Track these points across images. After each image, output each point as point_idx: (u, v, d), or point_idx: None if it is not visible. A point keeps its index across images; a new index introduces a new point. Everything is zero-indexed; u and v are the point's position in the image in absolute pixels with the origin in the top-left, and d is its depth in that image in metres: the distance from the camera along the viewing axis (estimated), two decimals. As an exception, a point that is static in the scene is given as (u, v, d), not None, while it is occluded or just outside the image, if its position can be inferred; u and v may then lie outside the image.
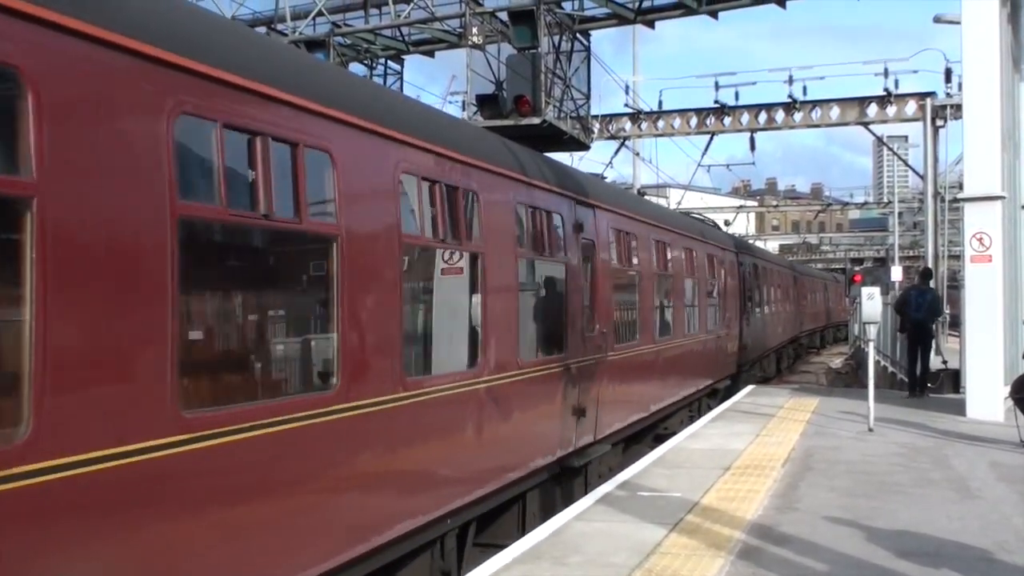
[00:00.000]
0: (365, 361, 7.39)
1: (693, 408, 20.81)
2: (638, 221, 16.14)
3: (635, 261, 15.85)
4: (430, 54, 27.02)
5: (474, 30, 16.24)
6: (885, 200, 77.77)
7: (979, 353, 16.68)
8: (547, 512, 11.20)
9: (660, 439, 16.32)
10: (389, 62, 21.79)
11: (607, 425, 13.95)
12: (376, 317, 7.57)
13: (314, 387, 7.40)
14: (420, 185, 8.51)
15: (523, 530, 10.68)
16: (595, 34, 25.49)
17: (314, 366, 7.47)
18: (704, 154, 37.81)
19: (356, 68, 22.23)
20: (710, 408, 20.51)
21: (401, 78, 21.37)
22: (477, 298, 9.76)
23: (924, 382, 20.64)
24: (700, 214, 31.94)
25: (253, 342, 7.37)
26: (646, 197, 31.31)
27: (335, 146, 7.10)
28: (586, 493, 11.57)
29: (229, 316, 7.24)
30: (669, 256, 18.26)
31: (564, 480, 12.62)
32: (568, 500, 11.93)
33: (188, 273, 5.62)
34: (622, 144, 37.60)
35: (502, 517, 10.98)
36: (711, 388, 22.76)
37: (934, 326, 21.63)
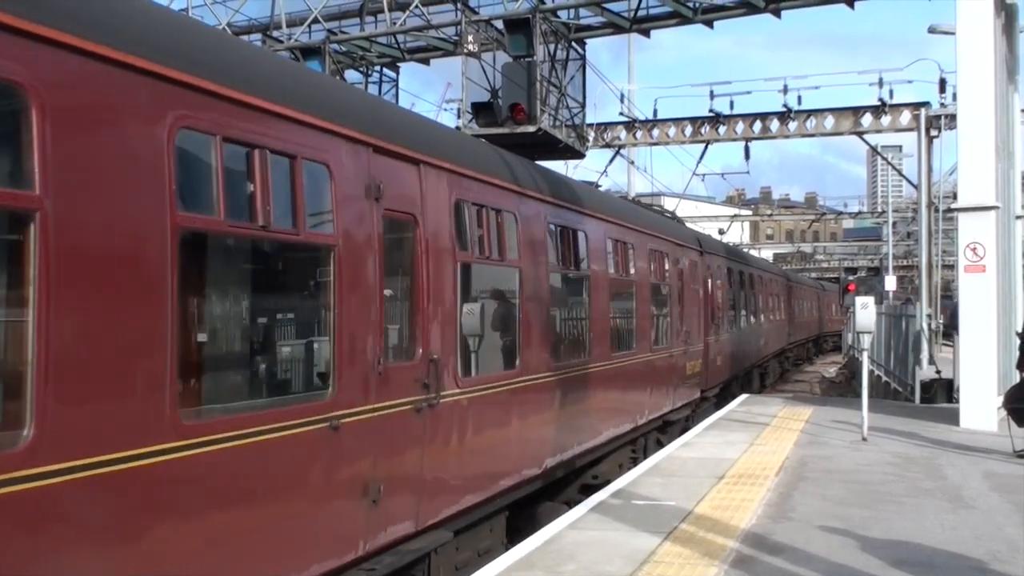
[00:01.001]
0: None
1: (638, 446, 16.47)
2: (501, 188, 10.50)
3: (511, 254, 10.63)
4: (425, 62, 27.08)
5: (470, 38, 16.23)
6: (879, 209, 77.90)
7: (973, 363, 16.70)
8: None
9: (589, 489, 12.91)
10: (384, 69, 21.76)
11: (443, 504, 8.79)
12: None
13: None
14: None
15: None
16: (593, 42, 25.61)
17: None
18: (699, 163, 37.71)
19: (351, 75, 22.23)
20: (659, 446, 16.71)
21: (396, 86, 21.35)
22: None
23: None
24: (660, 207, 29.23)
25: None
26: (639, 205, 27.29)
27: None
28: None
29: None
30: (582, 248, 13.33)
31: None
32: None
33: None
34: (617, 153, 37.64)
35: None
36: (662, 420, 17.75)
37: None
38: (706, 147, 36.38)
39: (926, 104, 32.00)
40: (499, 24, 16.17)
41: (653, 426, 17.30)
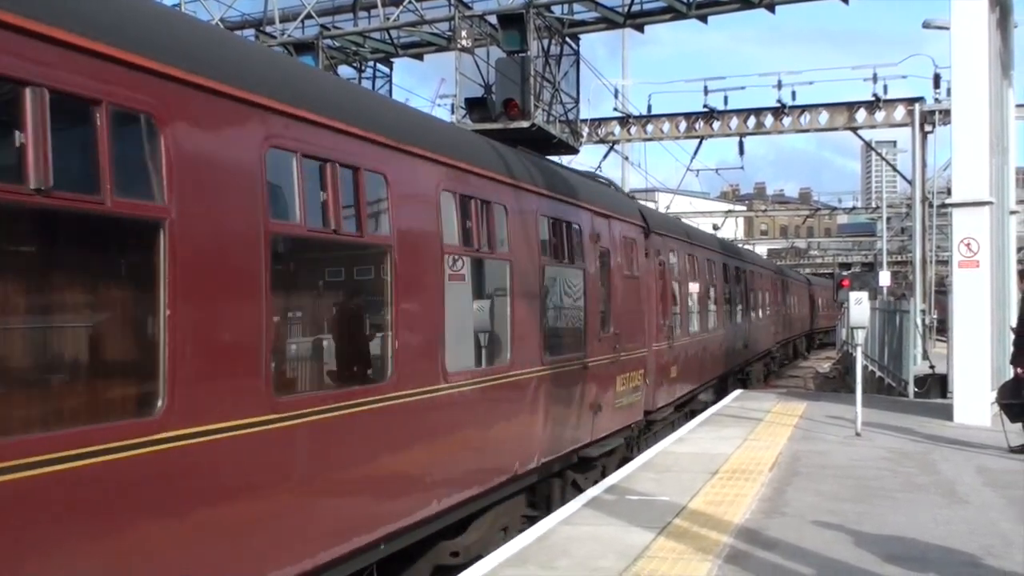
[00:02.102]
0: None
1: (539, 495, 12.18)
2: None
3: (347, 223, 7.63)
4: (419, 57, 27.01)
5: (463, 33, 16.18)
6: (873, 205, 77.99)
7: (967, 358, 16.72)
8: None
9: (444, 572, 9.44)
10: (378, 65, 21.71)
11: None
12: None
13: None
14: None
15: None
16: (589, 36, 25.57)
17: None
18: (693, 158, 37.72)
19: (345, 71, 22.19)
20: (577, 489, 12.63)
21: (390, 81, 21.30)
22: None
23: None
24: (608, 180, 19.17)
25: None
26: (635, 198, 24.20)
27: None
28: None
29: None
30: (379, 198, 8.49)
31: None
32: None
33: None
34: (611, 148, 37.65)
35: None
36: (576, 457, 12.92)
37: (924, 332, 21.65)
38: (700, 143, 36.40)
39: (920, 99, 32.00)
40: (493, 19, 16.13)
41: (563, 465, 12.50)
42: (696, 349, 21.52)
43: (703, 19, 23.38)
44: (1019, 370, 13.87)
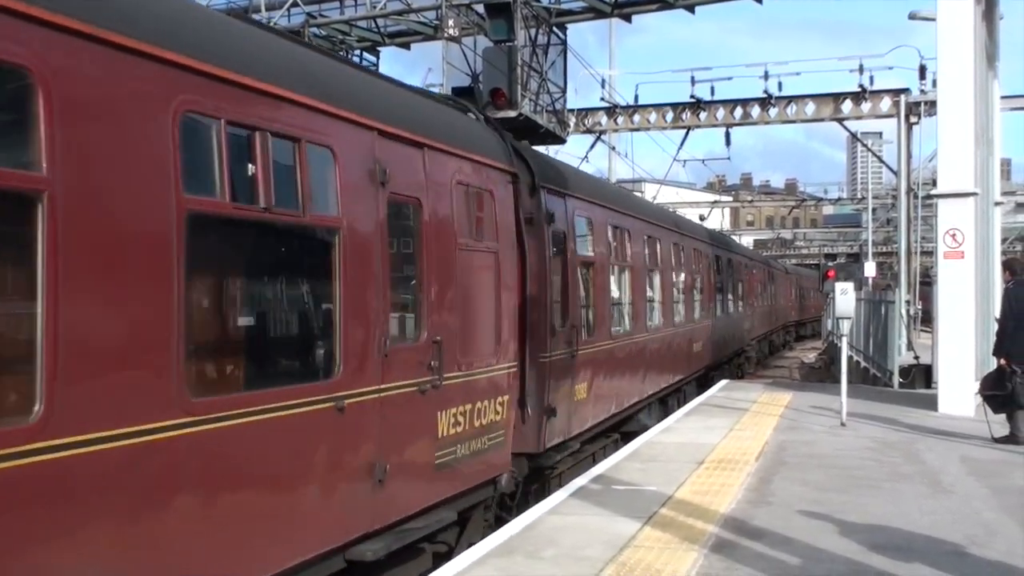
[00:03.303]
0: None
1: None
2: None
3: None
4: (406, 46, 26.99)
5: (450, 22, 16.18)
6: (859, 196, 78.21)
7: (951, 349, 16.78)
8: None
9: None
10: (365, 53, 21.68)
11: None
12: None
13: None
14: None
15: None
16: (579, 26, 25.56)
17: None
18: (680, 149, 37.72)
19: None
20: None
21: (376, 70, 21.26)
22: None
23: None
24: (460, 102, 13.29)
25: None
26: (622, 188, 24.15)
27: None
28: None
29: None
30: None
31: None
32: None
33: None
34: (598, 138, 37.62)
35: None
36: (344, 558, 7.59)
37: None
38: (687, 133, 36.45)
39: (906, 91, 32.08)
40: (480, 8, 16.13)
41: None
42: (629, 355, 16.51)
43: (690, 9, 23.42)
44: (1002, 361, 13.94)
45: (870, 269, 38.29)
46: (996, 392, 13.97)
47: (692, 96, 33.94)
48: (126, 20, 5.47)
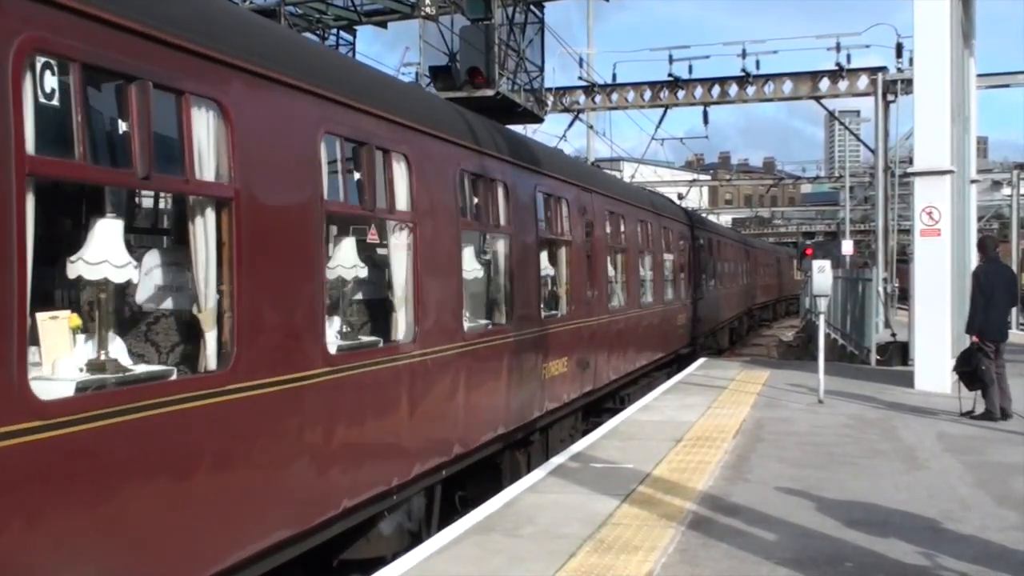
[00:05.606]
0: None
1: None
2: None
3: None
4: (383, 25, 26.70)
5: (427, 1, 16.08)
6: (837, 174, 78.40)
7: (927, 326, 16.90)
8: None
9: None
10: (341, 32, 21.52)
11: None
12: None
13: None
14: None
15: None
16: (562, 3, 25.43)
17: None
18: (658, 127, 37.63)
19: (307, 38, 21.93)
20: None
21: (353, 49, 21.13)
22: None
23: None
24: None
25: None
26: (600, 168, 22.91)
27: None
28: None
29: None
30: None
31: None
32: None
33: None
34: (576, 117, 37.50)
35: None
36: None
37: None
38: (665, 112, 36.29)
39: (883, 69, 32.13)
40: (457, -14, 16.02)
41: None
42: (515, 352, 11.86)
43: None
44: (975, 338, 14.04)
45: (847, 247, 38.37)
46: (968, 369, 14.08)
47: (670, 75, 33.86)
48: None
